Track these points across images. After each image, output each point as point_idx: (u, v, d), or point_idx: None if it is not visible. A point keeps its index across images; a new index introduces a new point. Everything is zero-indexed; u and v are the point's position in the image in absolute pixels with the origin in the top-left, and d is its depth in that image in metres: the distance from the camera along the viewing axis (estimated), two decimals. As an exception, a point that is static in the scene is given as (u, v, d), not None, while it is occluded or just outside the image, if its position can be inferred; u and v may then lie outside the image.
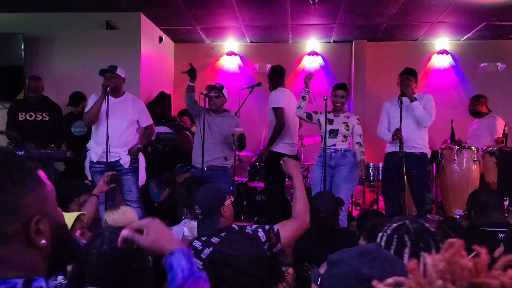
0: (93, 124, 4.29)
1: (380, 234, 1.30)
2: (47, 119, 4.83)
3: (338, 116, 4.47)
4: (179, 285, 1.00)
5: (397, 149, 4.22)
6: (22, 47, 5.49)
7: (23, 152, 4.20)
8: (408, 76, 4.40)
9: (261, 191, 5.46)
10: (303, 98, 4.44)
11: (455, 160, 4.79)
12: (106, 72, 4.20)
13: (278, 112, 4.59)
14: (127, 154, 4.25)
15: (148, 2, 5.39)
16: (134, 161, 4.33)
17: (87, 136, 4.90)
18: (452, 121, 5.39)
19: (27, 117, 4.81)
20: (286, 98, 4.73)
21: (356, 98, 6.78)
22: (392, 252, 1.23)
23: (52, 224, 0.89)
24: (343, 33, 6.55)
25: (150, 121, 4.50)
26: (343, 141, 4.40)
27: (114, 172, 3.31)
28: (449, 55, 6.78)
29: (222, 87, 4.49)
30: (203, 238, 2.25)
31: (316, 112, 4.52)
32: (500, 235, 2.39)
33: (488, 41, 6.66)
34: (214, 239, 2.25)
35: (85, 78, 5.49)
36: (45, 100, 4.93)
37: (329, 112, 4.45)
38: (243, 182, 5.72)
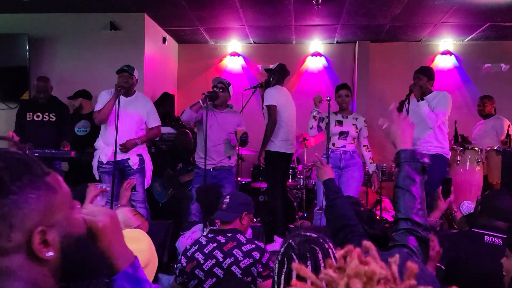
0: (104, 123, 4.28)
1: (275, 261, 1.38)
2: (53, 119, 4.87)
3: (347, 117, 4.50)
4: None
5: None
6: (27, 48, 5.52)
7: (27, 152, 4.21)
8: (418, 74, 4.31)
9: (264, 192, 5.47)
10: (314, 117, 4.43)
11: (458, 161, 4.78)
12: (123, 71, 4.22)
13: (271, 110, 4.50)
14: (120, 146, 4.13)
15: (152, 3, 5.40)
16: (142, 162, 4.33)
17: (90, 136, 4.93)
18: (455, 122, 5.38)
19: (35, 117, 4.85)
20: (280, 95, 4.62)
21: (360, 99, 6.77)
22: (283, 274, 1.30)
23: (63, 235, 0.82)
24: (346, 34, 6.55)
25: (158, 123, 4.47)
26: (351, 142, 4.46)
27: (134, 179, 3.35)
28: (452, 56, 6.77)
29: (229, 83, 4.50)
30: (210, 235, 2.45)
31: (322, 119, 4.52)
32: (487, 238, 2.35)
33: (492, 42, 6.64)
34: (220, 238, 2.42)
35: (89, 78, 5.51)
36: (53, 100, 4.97)
37: (336, 113, 4.48)
38: (247, 182, 5.73)
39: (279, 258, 1.37)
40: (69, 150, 4.54)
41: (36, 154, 4.25)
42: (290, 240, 1.38)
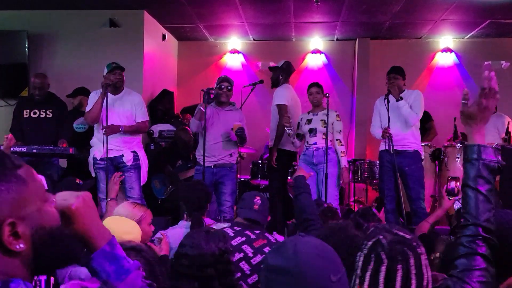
0: (96, 122, 4.31)
1: (359, 253, 1.28)
2: (50, 116, 4.86)
3: (317, 114, 4.56)
4: None
5: (387, 147, 4.30)
6: (26, 45, 5.51)
7: (25, 148, 4.23)
8: (395, 75, 4.42)
9: (263, 189, 5.47)
10: (289, 135, 4.50)
11: (458, 158, 4.78)
12: (116, 68, 4.23)
13: (282, 110, 4.57)
14: (102, 129, 4.12)
15: (151, 0, 5.39)
16: (136, 158, 4.34)
17: (89, 133, 4.93)
18: (455, 119, 5.37)
19: (32, 114, 4.85)
20: (290, 95, 4.73)
21: (360, 96, 6.76)
22: (369, 271, 1.22)
23: (35, 227, 0.82)
24: (346, 31, 6.54)
25: (145, 118, 4.43)
26: (323, 138, 4.45)
27: (121, 173, 3.37)
28: (453, 53, 6.75)
29: (233, 82, 4.51)
30: (237, 228, 2.44)
31: (298, 123, 4.69)
32: None
33: (492, 39, 6.63)
34: (248, 232, 2.42)
35: (88, 75, 5.50)
36: (50, 97, 4.96)
37: (309, 113, 4.61)
38: (246, 180, 5.73)
39: (365, 252, 1.26)
40: (67, 147, 4.54)
41: (35, 151, 4.26)
42: (381, 237, 1.26)
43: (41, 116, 4.84)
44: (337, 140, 4.55)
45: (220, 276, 1.74)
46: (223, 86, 4.39)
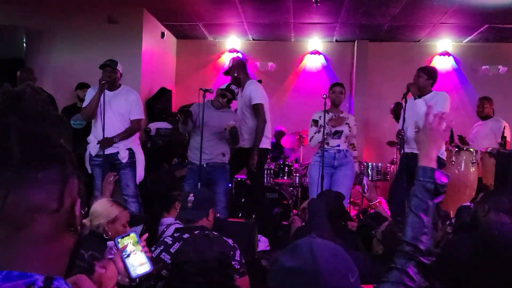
0: (92, 119, 4.30)
1: None
2: None
3: (340, 116, 4.49)
4: None
5: (404, 150, 4.17)
6: (24, 40, 5.50)
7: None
8: (419, 72, 4.29)
9: (252, 189, 5.46)
10: (328, 134, 4.34)
11: (453, 162, 4.77)
12: (107, 66, 4.21)
13: (260, 109, 4.44)
14: (97, 144, 4.15)
15: (150, -2, 5.39)
16: (132, 156, 4.33)
17: (86, 129, 4.92)
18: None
19: None
20: (263, 92, 4.57)
21: (358, 98, 6.78)
22: None
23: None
24: (345, 33, 6.55)
25: (140, 116, 4.37)
26: (345, 141, 4.44)
27: (115, 173, 3.38)
28: (451, 57, 6.78)
29: (234, 94, 4.41)
30: (176, 234, 2.33)
31: (316, 122, 4.46)
32: None
33: (490, 43, 6.65)
34: (186, 235, 2.31)
35: (86, 72, 5.48)
36: None
37: (328, 112, 4.39)
38: (242, 179, 5.72)
39: None
40: None
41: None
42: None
43: None
44: (351, 144, 4.51)
45: (222, 281, 1.73)
46: (226, 97, 4.33)
